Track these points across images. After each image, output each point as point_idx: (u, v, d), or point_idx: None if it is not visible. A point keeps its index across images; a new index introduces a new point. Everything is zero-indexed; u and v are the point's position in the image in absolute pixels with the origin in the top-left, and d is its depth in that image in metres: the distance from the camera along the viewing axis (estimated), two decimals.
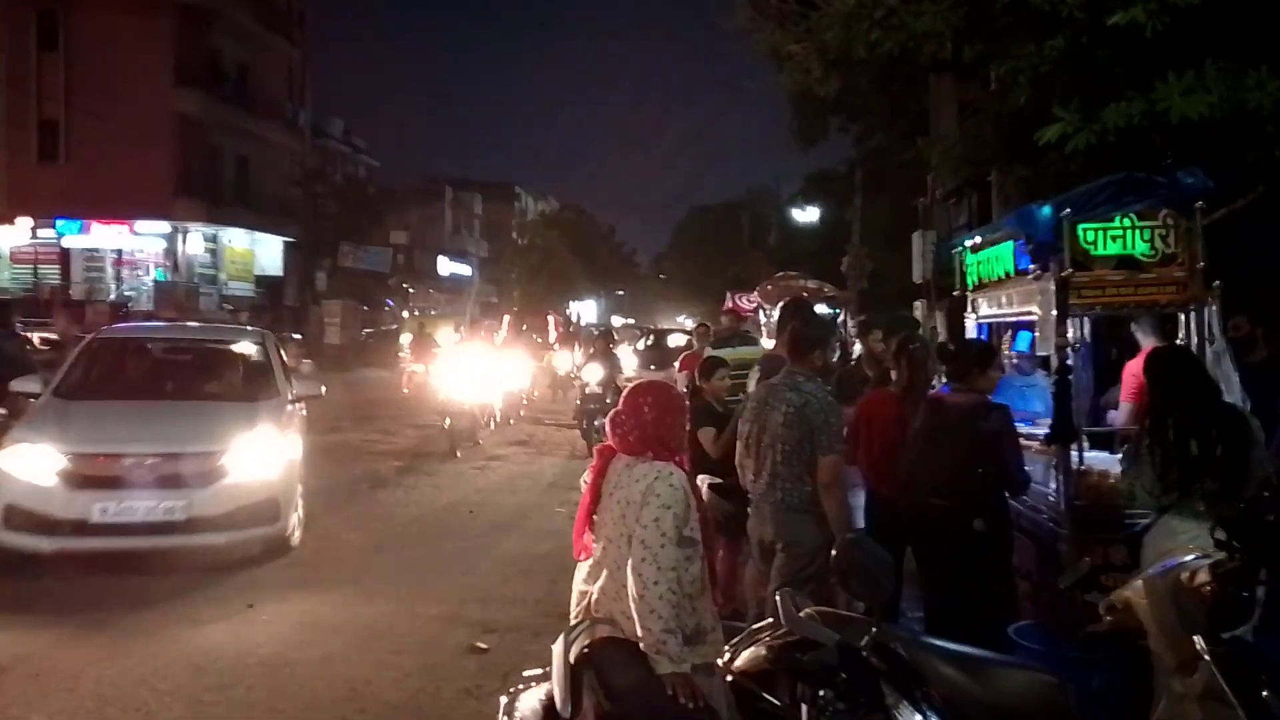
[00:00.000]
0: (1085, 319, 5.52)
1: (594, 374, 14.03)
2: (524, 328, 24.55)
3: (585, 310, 64.71)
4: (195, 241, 33.09)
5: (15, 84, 29.98)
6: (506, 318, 25.66)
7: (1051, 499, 5.11)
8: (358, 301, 36.04)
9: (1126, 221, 4.98)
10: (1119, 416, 5.57)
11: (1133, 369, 5.71)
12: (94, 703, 4.76)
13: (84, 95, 29.75)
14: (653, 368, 22.37)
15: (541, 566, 7.45)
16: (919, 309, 12.39)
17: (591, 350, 15.82)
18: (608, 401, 12.74)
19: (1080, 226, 4.94)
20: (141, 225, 31.65)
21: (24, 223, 30.83)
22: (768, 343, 10.00)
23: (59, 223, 31.12)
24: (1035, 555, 5.15)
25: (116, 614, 6.01)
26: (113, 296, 30.39)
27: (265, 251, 36.92)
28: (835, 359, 10.18)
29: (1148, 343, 5.61)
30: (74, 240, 31.88)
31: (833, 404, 4.77)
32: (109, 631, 5.70)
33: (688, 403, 5.41)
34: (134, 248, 32.56)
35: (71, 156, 30.99)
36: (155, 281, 32.01)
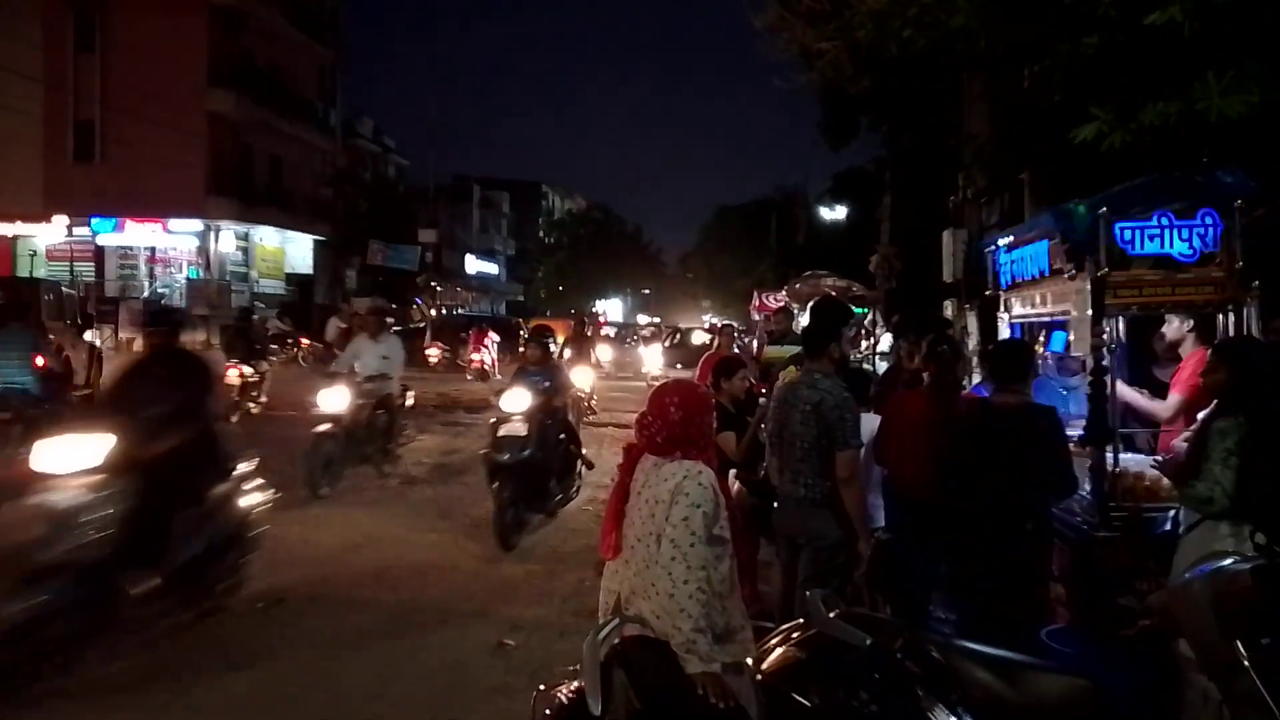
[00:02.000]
0: (1121, 319, 5.45)
1: (516, 401, 8.12)
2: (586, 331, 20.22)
3: (611, 308, 64.85)
4: (227, 240, 33.47)
5: (53, 84, 30.46)
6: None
7: (1086, 501, 5.05)
8: (387, 299, 36.32)
9: (1164, 220, 4.91)
10: (1167, 406, 5.45)
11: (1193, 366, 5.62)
12: (130, 693, 4.81)
13: (119, 95, 30.19)
14: (679, 366, 22.36)
15: (567, 564, 7.47)
16: (949, 309, 12.28)
17: (523, 357, 9.57)
18: (533, 447, 7.99)
19: (1117, 225, 4.88)
20: (175, 224, 32.06)
21: (60, 221, 31.27)
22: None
23: (94, 221, 31.57)
24: (1069, 558, 5.09)
25: None
26: (146, 294, 30.80)
27: (296, 250, 37.28)
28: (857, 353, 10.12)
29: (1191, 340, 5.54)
30: (109, 238, 32.34)
31: (848, 400, 4.81)
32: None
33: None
34: (167, 246, 32.98)
35: (107, 156, 31.44)
36: (188, 279, 32.39)
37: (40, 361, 9.65)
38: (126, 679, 4.92)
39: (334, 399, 9.68)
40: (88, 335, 15.08)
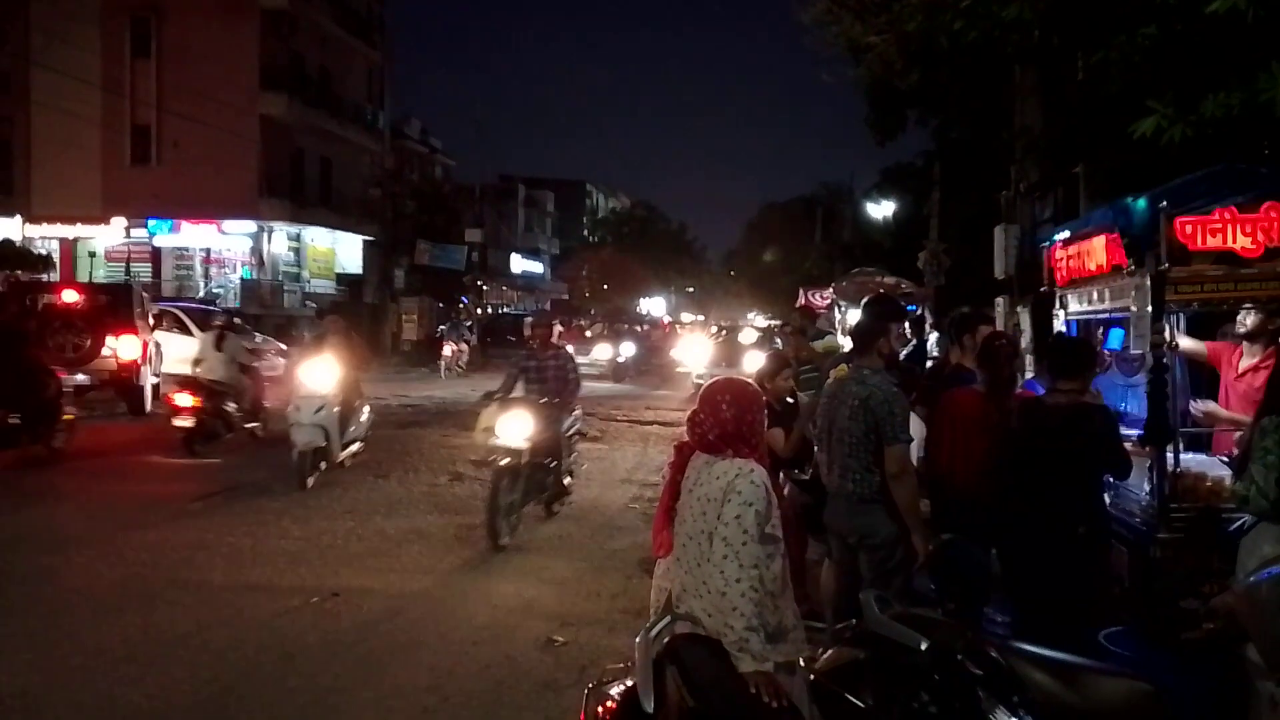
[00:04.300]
0: (1181, 316, 5.33)
1: None
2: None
3: (655, 307, 64.83)
4: (280, 240, 34.05)
5: (111, 89, 31.22)
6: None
7: (1145, 502, 4.94)
8: (434, 299, 36.68)
9: (1226, 215, 4.78)
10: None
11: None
12: (187, 685, 4.93)
13: (175, 99, 30.84)
14: (724, 364, 22.26)
15: (615, 562, 7.49)
16: (1001, 306, 12.09)
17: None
18: None
19: (1178, 220, 4.76)
20: (229, 225, 32.70)
21: (118, 223, 32.12)
22: (843, 339, 9.89)
23: (151, 223, 32.33)
24: (1128, 560, 4.99)
25: (206, 602, 6.23)
26: (201, 294, 31.46)
27: (346, 250, 37.82)
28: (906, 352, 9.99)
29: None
30: (165, 239, 33.09)
31: (896, 394, 4.77)
32: (197, 616, 5.91)
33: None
34: (222, 246, 33.65)
35: (163, 159, 32.17)
36: (242, 279, 33.03)
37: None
38: (181, 665, 5.06)
39: None
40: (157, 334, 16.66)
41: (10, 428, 10.32)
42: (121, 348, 14.48)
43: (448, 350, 27.04)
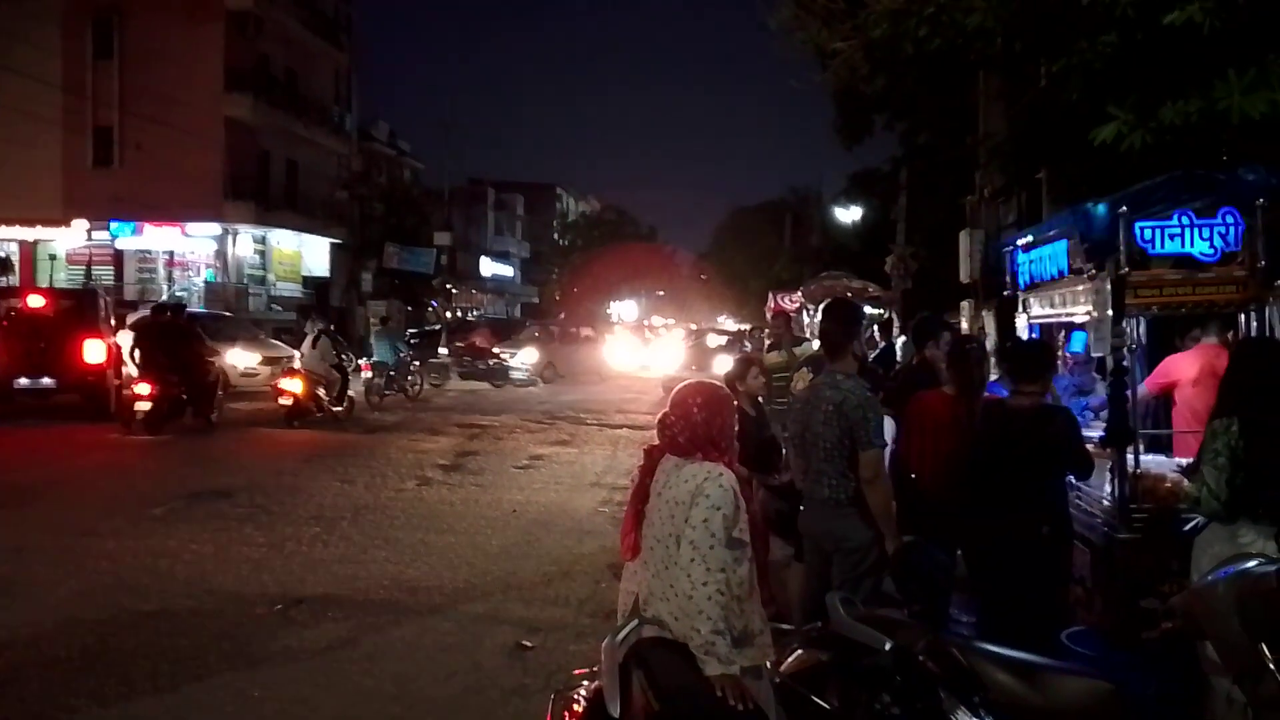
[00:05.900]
0: (1141, 319, 5.42)
1: None
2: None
3: (625, 310, 64.85)
4: (245, 243, 33.65)
5: (72, 90, 30.70)
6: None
7: (1107, 503, 5.01)
8: (403, 302, 36.46)
9: (1185, 219, 4.86)
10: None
11: (1175, 361, 5.69)
12: (148, 696, 4.84)
13: (138, 101, 30.39)
14: (694, 368, 22.32)
15: (583, 567, 7.47)
16: (966, 309, 12.24)
17: None
18: None
19: (1137, 224, 4.84)
20: (193, 227, 32.24)
21: (80, 225, 31.56)
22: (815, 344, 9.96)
23: (113, 225, 31.77)
24: (1090, 560, 5.06)
25: (174, 606, 6.14)
26: (164, 297, 31.04)
27: (312, 253, 37.45)
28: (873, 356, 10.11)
29: (1207, 340, 5.51)
30: (127, 242, 32.55)
31: (870, 400, 4.77)
32: (160, 620, 5.82)
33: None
34: (185, 249, 33.16)
35: (125, 161, 31.66)
36: (206, 282, 32.58)
37: (400, 351, 19.67)
38: (142, 676, 4.98)
39: None
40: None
41: (180, 401, 13.85)
42: (88, 352, 15.11)
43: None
